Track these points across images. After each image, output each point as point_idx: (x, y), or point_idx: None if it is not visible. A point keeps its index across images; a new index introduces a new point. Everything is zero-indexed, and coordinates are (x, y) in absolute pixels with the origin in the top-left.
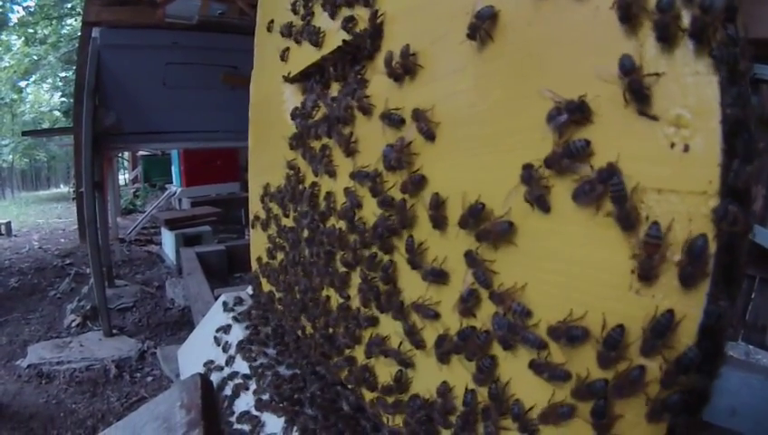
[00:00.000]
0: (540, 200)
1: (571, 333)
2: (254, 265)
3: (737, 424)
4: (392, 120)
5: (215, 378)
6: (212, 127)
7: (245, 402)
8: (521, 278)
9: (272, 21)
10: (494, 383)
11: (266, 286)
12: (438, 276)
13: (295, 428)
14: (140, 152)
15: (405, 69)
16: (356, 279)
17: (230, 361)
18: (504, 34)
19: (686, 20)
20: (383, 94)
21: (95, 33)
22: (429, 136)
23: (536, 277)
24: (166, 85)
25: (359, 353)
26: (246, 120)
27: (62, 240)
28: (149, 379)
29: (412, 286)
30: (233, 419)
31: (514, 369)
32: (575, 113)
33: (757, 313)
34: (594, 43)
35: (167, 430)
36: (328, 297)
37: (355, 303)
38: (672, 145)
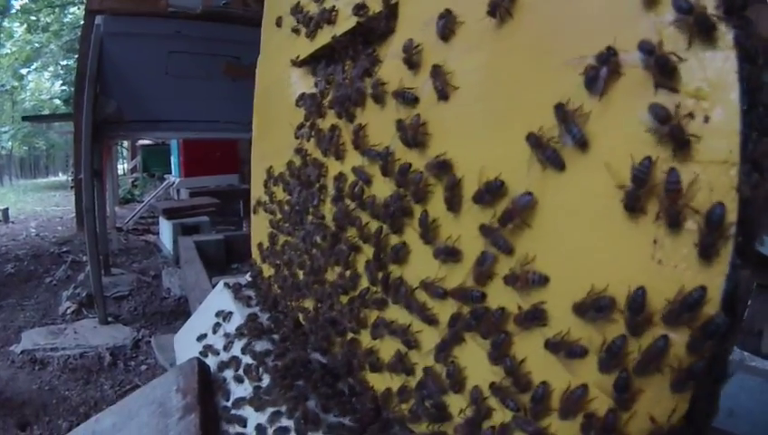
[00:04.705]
0: (554, 159)
1: (598, 304)
2: (255, 251)
3: (735, 426)
4: (406, 97)
5: (212, 363)
6: (213, 117)
7: (243, 388)
8: (540, 255)
9: (280, 17)
10: (508, 360)
11: (267, 271)
12: (451, 254)
13: (297, 413)
14: (140, 142)
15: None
16: (362, 260)
17: (228, 346)
18: (523, 11)
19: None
20: (396, 74)
21: (98, 20)
22: (443, 96)
23: (556, 254)
24: (168, 74)
25: (363, 337)
26: (248, 112)
27: (60, 228)
28: (143, 367)
29: (421, 267)
30: (229, 403)
31: (529, 349)
32: (610, 61)
33: (753, 318)
34: (614, 19)
35: (162, 414)
36: (333, 279)
37: (362, 283)
38: (691, 117)
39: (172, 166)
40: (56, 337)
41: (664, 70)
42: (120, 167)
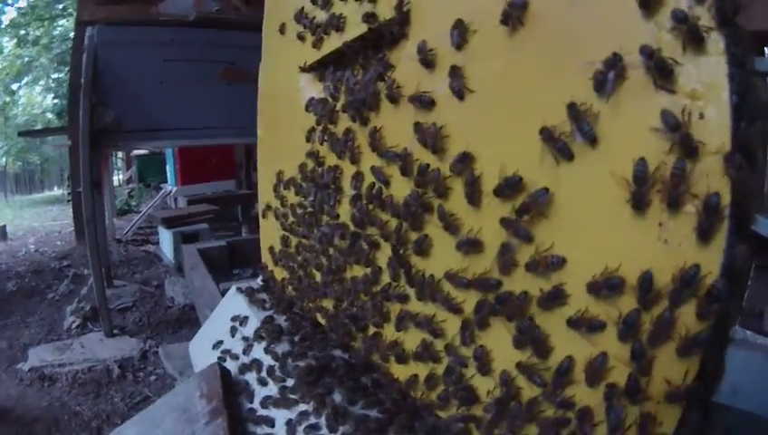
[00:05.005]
0: (563, 150)
1: (611, 283)
2: (266, 255)
3: (739, 402)
4: (423, 101)
5: (231, 367)
6: (211, 123)
7: (268, 389)
8: (558, 243)
9: (283, 23)
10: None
11: (280, 274)
12: (473, 245)
13: (325, 410)
14: (134, 152)
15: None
16: (384, 256)
17: (248, 349)
18: (533, 19)
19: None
20: (411, 78)
21: (91, 30)
22: (459, 95)
23: (571, 241)
24: (164, 82)
25: (387, 330)
26: (246, 116)
27: (59, 242)
28: (153, 378)
29: (441, 260)
30: (255, 405)
31: (551, 328)
32: (617, 66)
33: (754, 300)
34: (618, 27)
35: (187, 421)
36: (353, 277)
37: (384, 279)
38: (689, 114)
39: (168, 174)
40: (63, 353)
41: (663, 72)
42: (115, 178)
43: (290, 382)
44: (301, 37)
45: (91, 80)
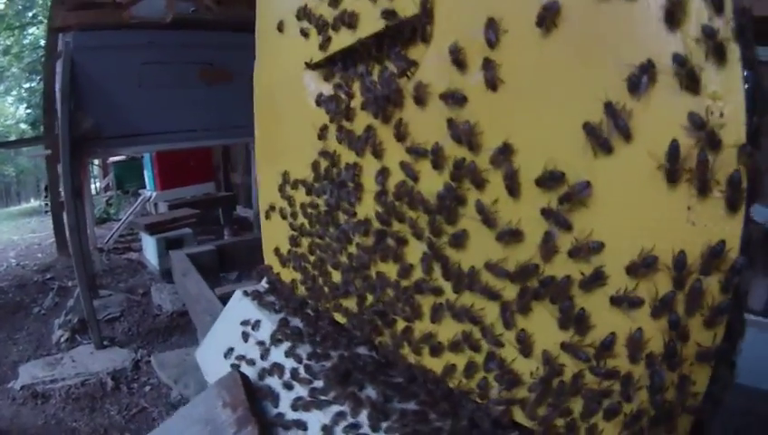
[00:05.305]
0: (605, 144)
1: (647, 261)
2: (271, 257)
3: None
4: (456, 98)
5: (249, 373)
6: (192, 126)
7: (295, 393)
8: (596, 229)
9: (281, 21)
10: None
11: (288, 275)
12: (514, 235)
13: (364, 408)
14: (111, 159)
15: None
16: (413, 251)
17: (265, 354)
18: (569, 21)
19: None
20: (436, 75)
21: (67, 36)
22: (492, 85)
23: (609, 225)
24: (142, 86)
25: (418, 323)
26: (226, 116)
27: (40, 255)
28: (147, 388)
29: (478, 251)
30: (283, 410)
31: (592, 307)
32: (650, 71)
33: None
34: (648, 34)
35: (212, 432)
36: (379, 273)
37: (416, 273)
38: (711, 113)
39: (146, 180)
40: (54, 368)
41: (691, 78)
42: (91, 186)
43: (317, 383)
44: (304, 34)
45: (69, 87)
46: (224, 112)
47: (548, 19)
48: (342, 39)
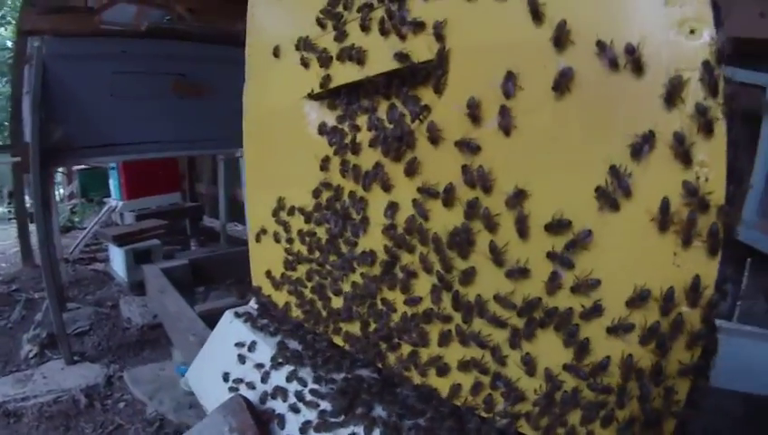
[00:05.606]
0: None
1: (642, 295)
2: (261, 279)
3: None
4: (470, 147)
5: (250, 396)
6: (163, 137)
7: (302, 416)
8: (596, 269)
9: (277, 46)
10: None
11: (281, 298)
12: (522, 273)
13: (377, 428)
14: (76, 166)
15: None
16: (421, 282)
17: (266, 377)
18: (581, 87)
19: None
20: (450, 122)
21: (39, 41)
22: (507, 131)
23: (609, 266)
24: (114, 96)
25: (425, 348)
26: (199, 128)
27: (3, 265)
28: (122, 405)
29: (486, 284)
30: (291, 432)
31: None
32: (651, 141)
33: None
34: (649, 107)
35: None
36: (384, 300)
37: (425, 303)
38: (698, 178)
39: (111, 188)
40: (25, 385)
41: (683, 147)
42: (56, 193)
43: (326, 406)
44: (305, 64)
45: (40, 95)
46: (195, 124)
47: (563, 84)
48: (348, 73)
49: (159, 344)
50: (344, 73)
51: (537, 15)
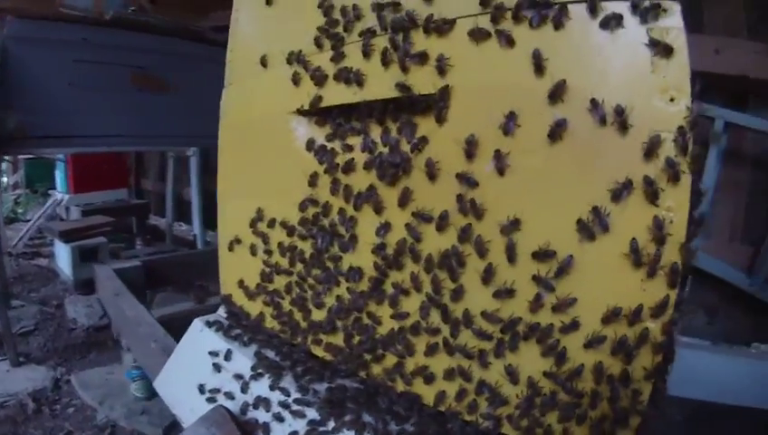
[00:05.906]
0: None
1: (615, 311)
2: (233, 289)
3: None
4: (469, 181)
5: (230, 406)
6: (122, 130)
7: (288, 425)
8: (575, 289)
9: (264, 56)
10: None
11: (254, 308)
12: (509, 293)
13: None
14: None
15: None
16: (410, 299)
17: (245, 387)
18: (573, 135)
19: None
20: (447, 155)
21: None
22: (501, 172)
23: (587, 289)
24: (71, 85)
25: (411, 359)
26: (157, 125)
27: None
28: (71, 410)
29: (474, 301)
30: None
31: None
32: (629, 188)
33: None
34: (630, 158)
35: None
36: (370, 314)
37: (413, 318)
38: (664, 220)
39: (57, 181)
40: None
41: (656, 195)
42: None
43: (313, 415)
44: (295, 79)
45: None
46: (154, 119)
47: (557, 134)
48: (343, 94)
49: (106, 347)
50: (339, 94)
51: (539, 69)
